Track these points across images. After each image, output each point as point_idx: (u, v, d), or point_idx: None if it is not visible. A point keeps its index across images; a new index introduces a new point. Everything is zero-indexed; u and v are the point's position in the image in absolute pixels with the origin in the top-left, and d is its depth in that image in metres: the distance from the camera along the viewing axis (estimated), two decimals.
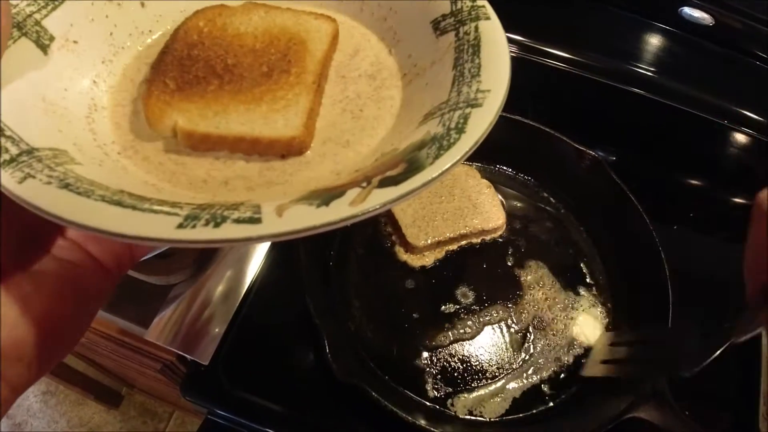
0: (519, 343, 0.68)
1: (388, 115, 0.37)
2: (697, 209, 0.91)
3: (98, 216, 0.25)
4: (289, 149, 0.35)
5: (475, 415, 0.63)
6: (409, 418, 0.57)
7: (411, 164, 0.28)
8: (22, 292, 0.28)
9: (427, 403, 0.63)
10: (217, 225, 0.25)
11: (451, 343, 0.67)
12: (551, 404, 0.65)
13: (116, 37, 0.39)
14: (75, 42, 0.36)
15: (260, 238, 0.25)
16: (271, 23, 0.40)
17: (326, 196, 0.27)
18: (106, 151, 0.34)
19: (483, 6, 0.38)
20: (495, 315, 0.69)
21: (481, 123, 0.30)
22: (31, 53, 0.34)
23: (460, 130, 0.30)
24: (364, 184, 0.27)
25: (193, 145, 0.35)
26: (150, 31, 0.41)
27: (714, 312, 0.77)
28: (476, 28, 0.37)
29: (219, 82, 0.36)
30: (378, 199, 0.26)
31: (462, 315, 0.69)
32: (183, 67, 0.37)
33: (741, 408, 0.70)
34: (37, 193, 0.26)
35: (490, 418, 0.63)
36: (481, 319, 0.69)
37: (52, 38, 0.35)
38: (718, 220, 0.92)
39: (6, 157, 0.27)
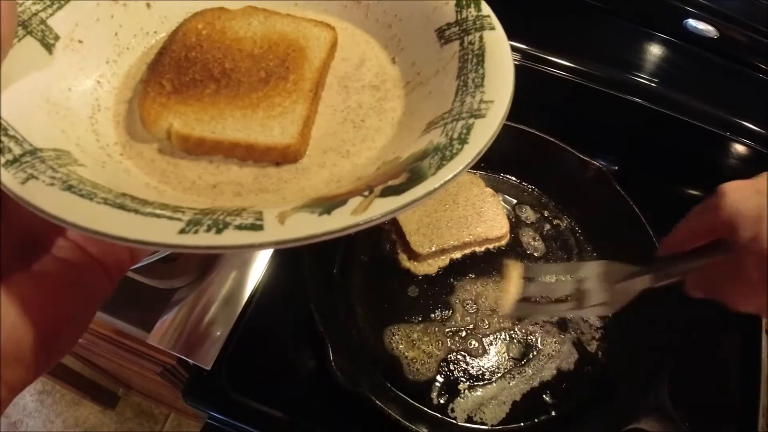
0: (521, 351, 0.68)
1: (389, 127, 0.37)
2: None
3: (101, 219, 0.25)
4: (284, 157, 0.34)
5: (476, 422, 0.63)
6: (412, 427, 0.57)
7: (413, 174, 0.28)
8: (22, 293, 0.28)
9: (429, 411, 0.63)
10: (219, 231, 0.25)
11: (454, 350, 0.67)
12: (553, 413, 0.65)
13: (121, 38, 0.39)
14: (80, 42, 0.36)
15: (261, 245, 0.25)
16: (270, 29, 0.40)
17: (328, 204, 0.27)
18: (109, 152, 0.34)
19: (488, 16, 0.38)
20: (497, 323, 0.69)
21: (483, 134, 0.30)
22: (35, 52, 0.34)
23: (463, 140, 0.30)
24: (366, 193, 0.27)
25: (188, 148, 0.34)
26: (155, 32, 0.41)
27: (713, 318, 0.78)
28: (481, 38, 0.37)
29: (216, 85, 0.36)
30: (380, 208, 0.26)
31: (464, 323, 0.69)
32: (180, 69, 0.37)
33: (741, 420, 0.70)
34: (40, 195, 0.26)
35: (491, 425, 0.63)
36: (483, 327, 0.69)
37: (57, 37, 0.35)
38: None
39: (9, 157, 0.27)
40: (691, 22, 0.91)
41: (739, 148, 0.95)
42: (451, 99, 0.34)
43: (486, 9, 0.38)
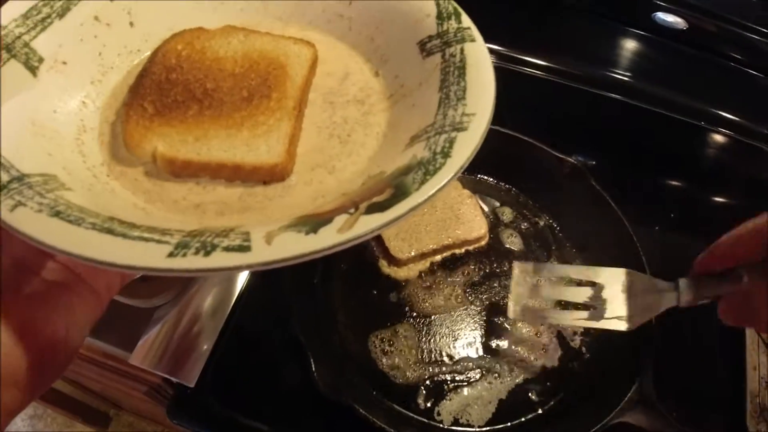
0: (505, 350, 0.68)
1: (374, 141, 0.37)
2: (678, 210, 0.92)
3: (89, 245, 0.25)
4: (271, 176, 0.35)
5: (462, 424, 0.63)
6: None
7: (397, 190, 0.29)
8: (15, 317, 0.28)
9: (416, 416, 0.63)
10: (207, 254, 0.25)
11: (437, 353, 0.67)
12: (539, 411, 0.65)
13: (105, 57, 0.39)
14: (64, 63, 0.36)
15: (250, 266, 0.26)
16: (250, 47, 0.40)
17: (314, 222, 0.27)
18: (95, 173, 0.34)
19: (468, 28, 0.38)
20: (481, 324, 0.69)
21: (466, 147, 0.31)
22: (20, 75, 0.34)
23: (446, 154, 0.30)
24: (352, 210, 0.28)
25: (173, 171, 0.34)
26: (139, 50, 0.41)
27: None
28: (462, 50, 0.37)
29: (199, 106, 0.36)
30: (365, 225, 0.27)
31: (447, 325, 0.69)
32: (162, 90, 0.37)
33: (729, 407, 0.70)
34: (29, 222, 0.26)
35: (478, 426, 0.63)
36: (467, 329, 0.69)
37: (41, 60, 0.35)
38: (699, 220, 0.93)
39: None
40: (660, 15, 0.92)
41: (716, 138, 0.96)
42: (434, 112, 0.35)
43: (467, 21, 0.39)
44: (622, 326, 0.52)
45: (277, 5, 0.44)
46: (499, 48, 0.90)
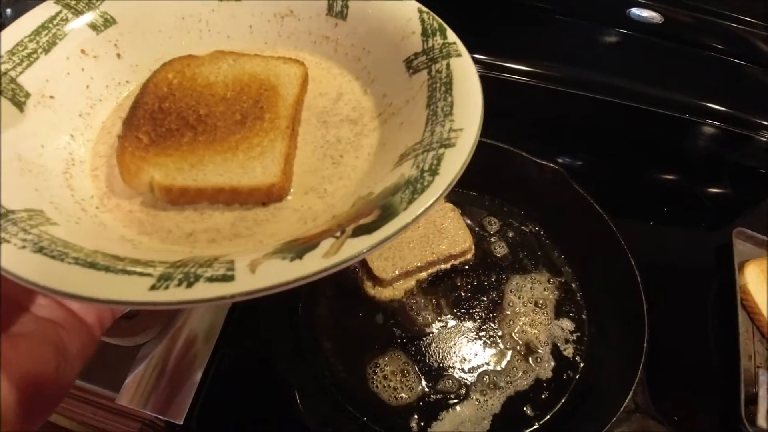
0: (497, 364, 0.67)
1: (365, 162, 0.37)
2: (670, 203, 0.91)
3: (70, 281, 0.25)
4: (269, 196, 0.34)
5: None
6: None
7: (384, 210, 0.28)
8: (4, 356, 0.28)
9: None
10: (189, 285, 0.25)
11: (427, 373, 0.65)
12: (536, 425, 0.64)
13: (93, 90, 0.39)
14: (51, 97, 0.36)
15: (233, 297, 0.25)
16: (240, 70, 0.40)
17: (300, 248, 0.26)
18: (84, 206, 0.34)
19: (454, 43, 0.38)
20: (471, 339, 0.68)
21: (454, 163, 0.30)
22: (6, 111, 0.34)
23: (434, 171, 0.30)
24: (338, 234, 0.27)
25: (172, 199, 0.34)
26: (127, 81, 0.41)
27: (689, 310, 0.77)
28: (448, 65, 0.37)
29: (193, 133, 0.36)
30: (352, 249, 0.26)
31: (436, 344, 0.67)
32: (155, 120, 0.36)
33: (725, 401, 0.69)
34: (11, 259, 0.25)
35: None
36: (457, 345, 0.68)
37: (27, 95, 0.35)
38: (691, 211, 0.92)
39: None
40: (635, 11, 0.91)
41: (701, 128, 0.95)
42: (422, 129, 0.34)
43: (452, 36, 0.38)
44: None
45: (264, 31, 0.44)
46: (478, 56, 0.89)
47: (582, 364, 0.68)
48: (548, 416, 0.64)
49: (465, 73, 0.36)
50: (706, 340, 0.75)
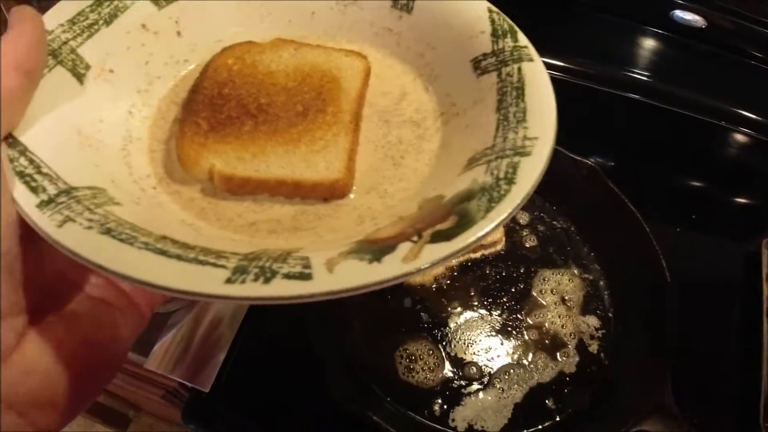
0: (521, 356, 0.67)
1: (426, 168, 0.35)
2: (699, 210, 0.90)
3: (144, 267, 0.23)
4: (332, 192, 0.33)
5: (477, 430, 0.62)
6: None
7: (462, 217, 0.27)
8: (55, 336, 0.27)
9: (430, 423, 0.62)
10: (266, 280, 0.23)
11: (452, 359, 0.66)
12: (557, 418, 0.64)
13: (152, 66, 0.37)
14: (111, 71, 0.35)
15: (312, 296, 0.23)
16: (301, 60, 0.39)
17: (376, 249, 0.25)
18: (142, 186, 0.33)
19: (526, 47, 0.36)
20: (497, 329, 0.69)
21: (531, 173, 0.29)
22: (66, 83, 0.32)
23: (510, 180, 0.28)
24: (415, 238, 0.26)
25: (231, 189, 0.33)
26: (186, 60, 0.39)
27: (714, 314, 0.77)
28: (519, 69, 0.35)
29: (253, 122, 0.35)
30: (431, 255, 0.25)
31: (462, 331, 0.68)
32: (214, 106, 0.35)
33: (746, 411, 0.69)
34: (79, 240, 0.24)
35: None
36: (482, 334, 0.68)
37: (88, 67, 0.34)
38: (720, 220, 0.92)
39: (43, 197, 0.26)
40: (678, 13, 0.90)
41: (737, 137, 0.94)
42: (492, 134, 0.33)
43: (523, 39, 0.37)
44: None
45: (325, 18, 0.42)
46: None
47: (606, 362, 0.68)
48: (570, 410, 0.65)
49: (538, 79, 0.34)
50: (730, 347, 0.75)
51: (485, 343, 0.68)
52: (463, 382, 0.65)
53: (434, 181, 0.33)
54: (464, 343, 0.67)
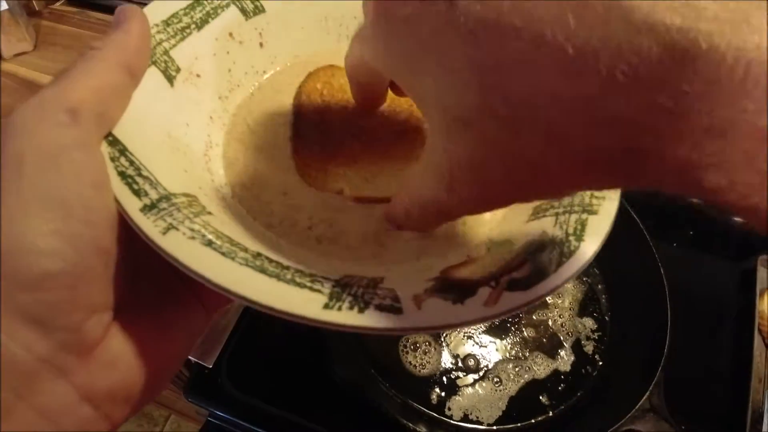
0: (518, 352, 0.69)
1: (499, 212, 0.35)
2: (697, 227, 0.92)
3: (247, 284, 0.23)
4: None
5: (472, 420, 0.64)
6: (410, 425, 0.58)
7: (536, 268, 0.27)
8: (138, 332, 0.27)
9: (426, 410, 0.64)
10: (361, 310, 0.24)
11: (452, 350, 0.68)
12: (550, 414, 0.66)
13: (234, 74, 0.38)
14: (198, 75, 0.35)
15: (401, 330, 0.24)
16: None
17: (457, 291, 0.26)
18: (223, 194, 0.32)
19: None
20: (496, 324, 0.70)
21: (598, 232, 0.29)
22: (159, 84, 0.32)
23: (579, 237, 0.28)
24: (493, 284, 0.26)
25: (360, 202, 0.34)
26: (264, 71, 0.39)
27: (708, 319, 0.79)
28: None
29: (361, 145, 0.35)
30: (509, 302, 0.25)
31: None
32: (321, 132, 0.35)
33: (734, 421, 0.71)
34: (183, 250, 0.24)
35: (487, 424, 0.64)
36: (482, 328, 0.70)
37: (178, 69, 0.33)
38: (717, 237, 0.93)
39: (146, 201, 0.25)
40: None
41: None
42: None
43: None
44: None
45: None
46: None
47: (601, 362, 0.70)
48: (562, 406, 0.66)
49: None
50: (722, 359, 0.77)
51: (485, 338, 0.69)
52: (461, 373, 0.66)
53: (502, 226, 0.33)
54: (464, 336, 0.69)
